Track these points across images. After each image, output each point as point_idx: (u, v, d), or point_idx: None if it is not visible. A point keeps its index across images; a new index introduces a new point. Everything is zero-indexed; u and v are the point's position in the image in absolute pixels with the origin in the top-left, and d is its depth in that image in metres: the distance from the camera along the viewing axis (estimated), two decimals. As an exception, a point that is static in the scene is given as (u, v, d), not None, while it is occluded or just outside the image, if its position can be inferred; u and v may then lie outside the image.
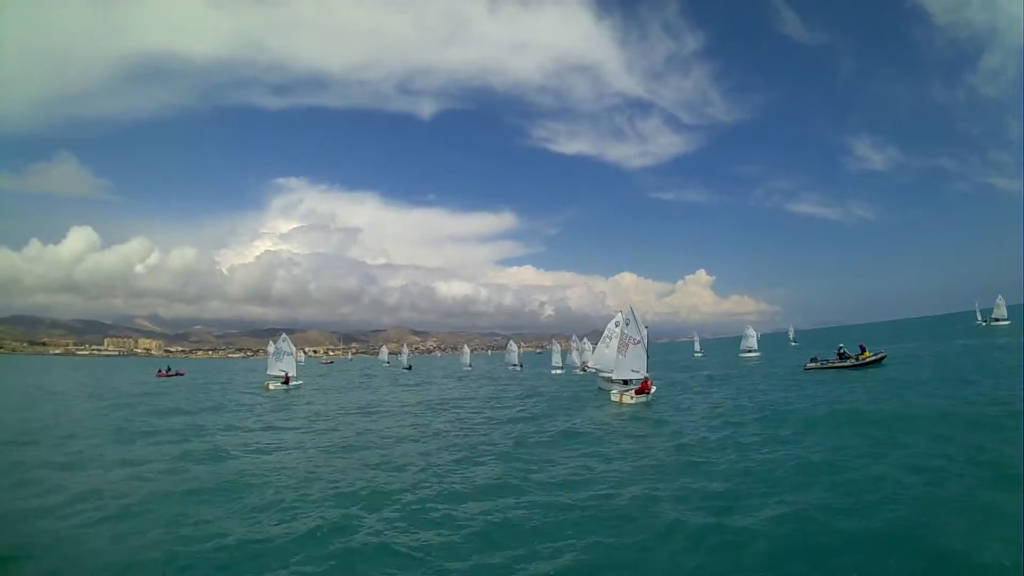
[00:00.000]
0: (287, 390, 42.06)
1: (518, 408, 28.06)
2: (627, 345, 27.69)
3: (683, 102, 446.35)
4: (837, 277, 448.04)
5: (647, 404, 26.52)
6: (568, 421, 22.61)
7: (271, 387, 42.62)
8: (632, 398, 26.76)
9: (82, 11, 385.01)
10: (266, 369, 43.04)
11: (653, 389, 28.11)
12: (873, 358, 39.59)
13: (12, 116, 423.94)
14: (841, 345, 43.08)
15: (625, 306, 29.76)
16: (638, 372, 27.93)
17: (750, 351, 74.92)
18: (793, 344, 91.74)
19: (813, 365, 41.45)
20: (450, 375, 61.39)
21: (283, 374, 43.58)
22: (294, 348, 44.86)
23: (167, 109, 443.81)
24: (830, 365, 40.52)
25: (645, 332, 28.07)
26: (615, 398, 27.10)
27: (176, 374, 77.82)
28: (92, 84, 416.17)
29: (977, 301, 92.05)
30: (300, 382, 45.09)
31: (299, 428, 22.91)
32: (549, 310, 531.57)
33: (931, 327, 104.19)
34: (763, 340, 79.80)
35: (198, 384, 53.08)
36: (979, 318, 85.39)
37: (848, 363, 39.81)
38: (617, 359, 28.70)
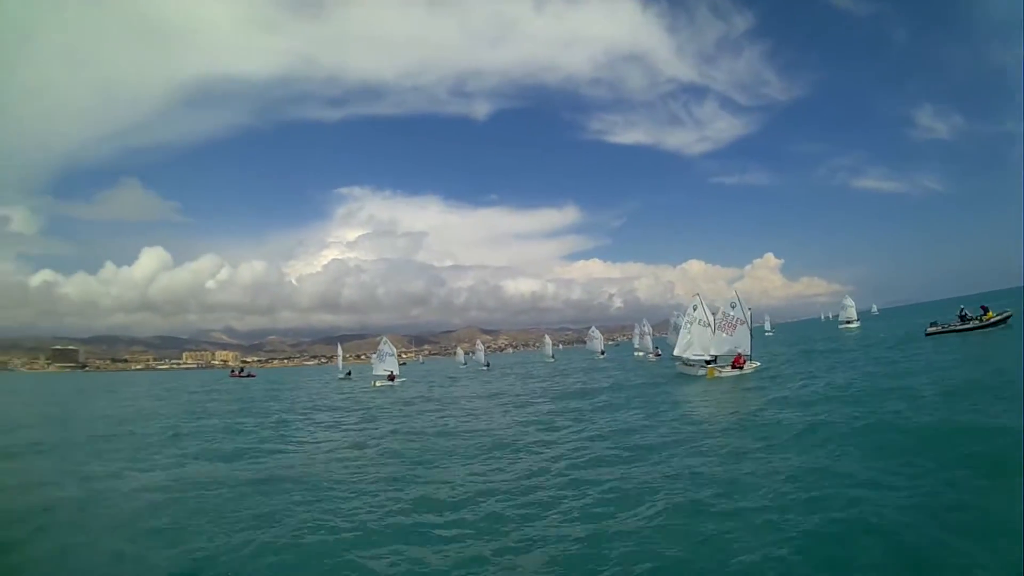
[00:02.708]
0: (392, 387, 47.20)
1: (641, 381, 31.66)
2: (734, 326, 31.23)
3: (738, 84, 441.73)
4: (908, 253, 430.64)
5: (746, 377, 29.89)
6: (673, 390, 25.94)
7: (378, 384, 48.18)
8: (721, 372, 31.27)
9: (133, 44, 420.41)
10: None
11: (758, 364, 31.39)
12: (997, 318, 39.97)
13: (78, 149, 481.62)
14: (962, 307, 43.73)
15: (692, 294, 35.37)
16: (742, 349, 31.40)
17: (849, 322, 75.96)
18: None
19: (934, 329, 42.03)
20: (539, 369, 65.19)
21: (388, 372, 48.92)
22: (395, 349, 50.05)
23: (227, 129, 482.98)
24: (952, 329, 41.15)
25: (749, 313, 31.47)
26: (706, 373, 31.39)
27: (248, 375, 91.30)
28: (151, 112, 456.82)
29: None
30: (403, 379, 50.41)
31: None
32: (618, 302, 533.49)
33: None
34: (833, 322, 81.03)
35: (306, 385, 58.96)
36: None
37: (972, 325, 40.44)
38: (719, 337, 32.56)
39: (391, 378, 48.85)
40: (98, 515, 11.65)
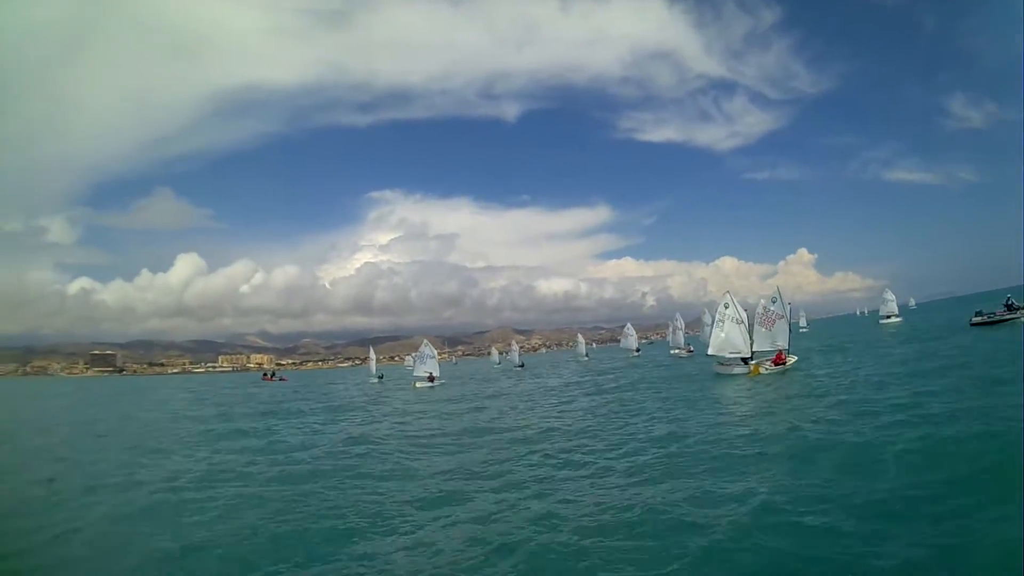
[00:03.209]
0: (432, 387, 48.77)
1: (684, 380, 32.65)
2: (773, 321, 32.23)
3: (767, 78, 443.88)
4: (944, 246, 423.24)
5: (788, 375, 30.77)
6: (715, 389, 26.96)
7: (418, 385, 49.84)
8: (767, 368, 31.92)
9: (165, 57, 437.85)
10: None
11: (794, 358, 32.95)
12: None
13: (113, 160, 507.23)
14: (1009, 296, 43.64)
15: (724, 291, 36.02)
16: (781, 344, 32.79)
17: (890, 317, 75.40)
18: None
19: (979, 320, 41.90)
20: (572, 368, 66.36)
21: (427, 374, 50.61)
22: (435, 351, 51.72)
23: (258, 137, 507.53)
24: (998, 318, 41.03)
25: (788, 308, 32.37)
26: (747, 371, 32.21)
27: (280, 379, 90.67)
28: (183, 123, 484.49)
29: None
30: (443, 380, 51.91)
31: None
32: (651, 300, 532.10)
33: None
34: (870, 317, 79.57)
35: (338, 388, 60.99)
36: None
37: (1020, 315, 40.29)
38: (758, 332, 33.40)
39: (431, 379, 50.52)
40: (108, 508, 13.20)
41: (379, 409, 34.23)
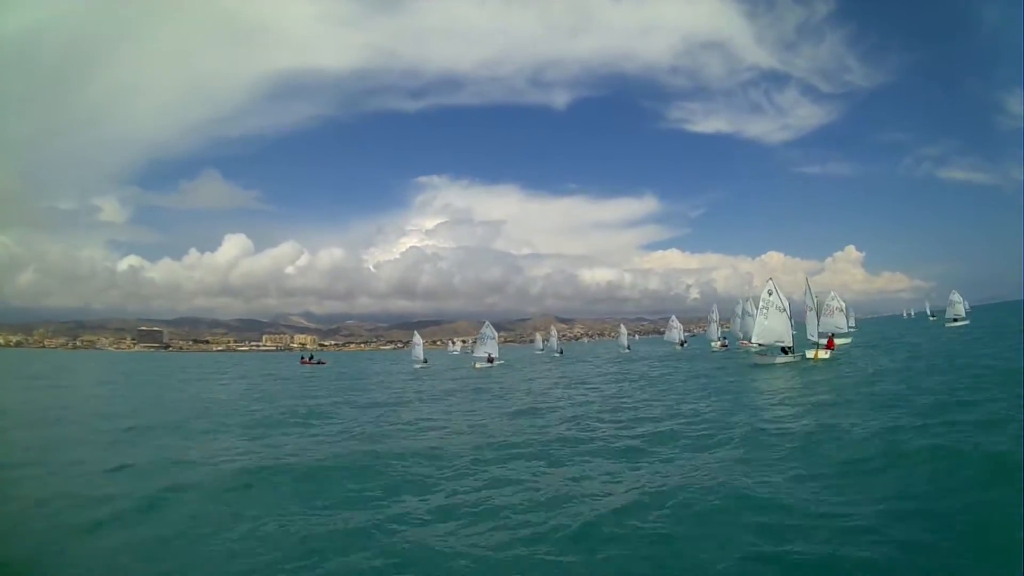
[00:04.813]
0: (491, 367, 52.68)
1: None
2: (832, 312, 36.19)
3: (819, 70, 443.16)
4: (998, 249, 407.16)
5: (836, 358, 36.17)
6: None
7: (478, 366, 54.33)
8: (826, 353, 36.90)
9: (218, 41, 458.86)
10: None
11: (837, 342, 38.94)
12: None
13: (164, 142, 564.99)
14: None
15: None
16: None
17: (956, 320, 74.53)
18: (932, 318, 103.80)
19: None
20: (613, 357, 69.60)
21: (487, 355, 54.55)
22: (496, 333, 55.88)
23: (309, 121, 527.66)
24: None
25: (816, 300, 38.09)
26: (810, 355, 36.67)
27: (318, 362, 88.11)
28: (234, 106, 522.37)
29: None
30: (503, 361, 56.14)
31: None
32: (695, 293, 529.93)
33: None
34: (916, 320, 79.05)
35: (400, 368, 64.91)
36: None
37: None
38: (821, 319, 38.44)
39: (490, 360, 54.94)
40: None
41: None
